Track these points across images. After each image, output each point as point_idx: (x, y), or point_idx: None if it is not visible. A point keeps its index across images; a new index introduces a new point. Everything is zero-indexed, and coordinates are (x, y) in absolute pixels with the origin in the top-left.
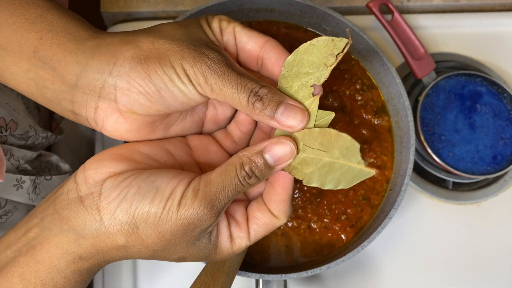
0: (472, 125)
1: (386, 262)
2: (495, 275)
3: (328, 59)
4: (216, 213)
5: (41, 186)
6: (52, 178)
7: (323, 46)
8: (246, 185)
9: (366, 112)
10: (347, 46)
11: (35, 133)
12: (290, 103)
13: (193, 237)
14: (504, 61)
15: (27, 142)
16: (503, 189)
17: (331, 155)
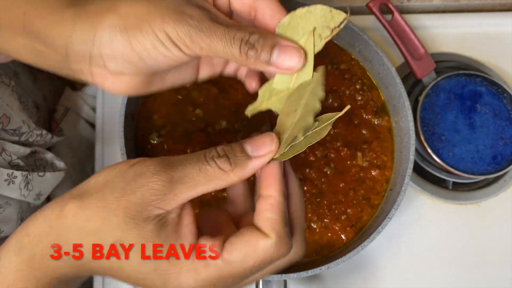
0: (472, 125)
1: (386, 262)
2: (495, 275)
3: (323, 30)
4: (175, 194)
5: (34, 182)
6: (45, 174)
7: (320, 16)
8: (216, 169)
9: (366, 112)
10: (344, 22)
11: (28, 129)
12: (285, 44)
13: (139, 214)
14: (504, 61)
15: (21, 138)
16: (503, 189)
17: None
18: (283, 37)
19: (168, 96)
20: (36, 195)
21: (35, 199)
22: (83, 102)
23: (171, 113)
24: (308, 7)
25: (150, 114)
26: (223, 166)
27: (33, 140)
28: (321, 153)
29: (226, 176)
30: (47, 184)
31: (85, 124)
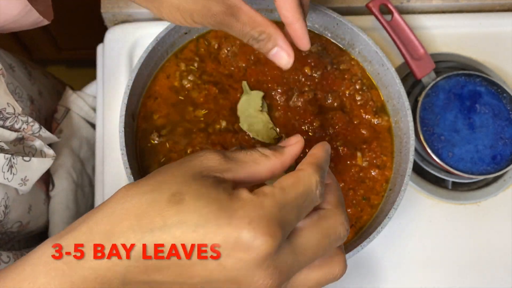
0: (471, 125)
1: (385, 262)
2: (494, 275)
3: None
4: (229, 169)
5: (18, 167)
6: (31, 160)
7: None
8: (259, 154)
9: (366, 112)
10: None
11: (13, 112)
12: (281, 46)
13: (199, 173)
14: (503, 61)
15: (5, 123)
16: (502, 189)
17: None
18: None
19: (168, 96)
20: (21, 180)
21: (20, 184)
22: (83, 103)
23: (171, 113)
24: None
25: (150, 114)
26: (265, 152)
27: (19, 127)
28: None
29: (268, 160)
30: (34, 170)
31: (86, 124)
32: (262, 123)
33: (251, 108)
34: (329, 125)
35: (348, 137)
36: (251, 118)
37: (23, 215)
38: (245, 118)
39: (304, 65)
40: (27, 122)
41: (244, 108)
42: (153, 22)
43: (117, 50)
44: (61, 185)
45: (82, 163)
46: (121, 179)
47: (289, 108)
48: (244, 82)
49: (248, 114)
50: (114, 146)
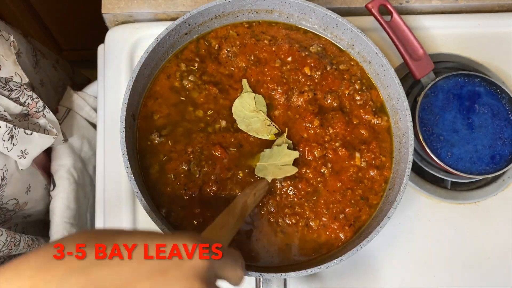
0: (470, 125)
1: (385, 261)
2: (493, 274)
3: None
4: None
5: (19, 138)
6: (33, 133)
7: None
8: None
9: (365, 112)
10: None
11: (20, 82)
12: None
13: None
14: (502, 61)
15: (11, 94)
16: (501, 189)
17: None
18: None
19: (169, 97)
20: (20, 152)
21: (20, 156)
22: (84, 103)
23: (171, 113)
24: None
25: (151, 114)
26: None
27: (24, 102)
28: (319, 153)
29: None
30: (34, 144)
31: (87, 124)
32: (260, 122)
33: (245, 109)
34: (329, 125)
35: (347, 137)
36: (247, 118)
37: (21, 194)
38: (241, 119)
39: (304, 65)
40: (32, 97)
41: (239, 110)
42: (153, 23)
43: (117, 50)
44: (62, 185)
45: (83, 163)
46: (121, 179)
47: (289, 108)
48: (244, 80)
49: (244, 115)
50: (115, 146)
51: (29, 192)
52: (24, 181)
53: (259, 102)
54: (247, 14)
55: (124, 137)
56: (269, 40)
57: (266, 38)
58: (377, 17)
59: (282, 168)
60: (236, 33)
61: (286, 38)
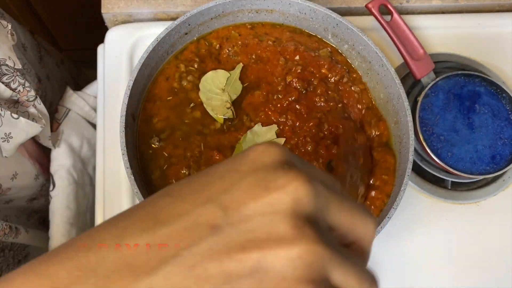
0: (471, 125)
1: (385, 261)
2: (494, 275)
3: None
4: None
5: (5, 120)
6: (19, 118)
7: None
8: None
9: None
10: None
11: (13, 66)
12: None
13: None
14: (503, 61)
15: (2, 78)
16: (502, 189)
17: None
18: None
19: (167, 99)
20: (4, 135)
21: (3, 139)
22: (84, 103)
23: (170, 116)
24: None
25: (150, 118)
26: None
27: (15, 88)
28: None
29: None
30: (20, 130)
31: (86, 124)
32: (220, 102)
33: (214, 85)
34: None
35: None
36: (211, 93)
37: (5, 179)
38: (205, 91)
39: (319, 67)
40: (23, 85)
41: (208, 82)
42: (153, 23)
43: (117, 50)
44: (62, 185)
45: (83, 163)
46: (122, 178)
47: (289, 108)
48: (240, 64)
49: (210, 89)
50: (114, 146)
51: (14, 180)
52: (10, 167)
53: (235, 87)
54: (247, 14)
55: (124, 137)
56: (273, 41)
57: (270, 39)
58: (377, 17)
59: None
60: (238, 33)
61: (291, 40)
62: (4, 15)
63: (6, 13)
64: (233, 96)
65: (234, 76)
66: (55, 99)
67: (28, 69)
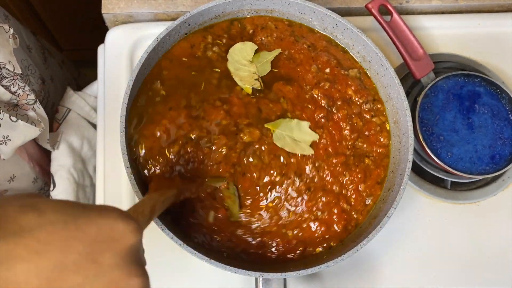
0: (470, 125)
1: (384, 261)
2: (493, 274)
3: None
4: None
5: (3, 123)
6: (18, 121)
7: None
8: None
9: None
10: None
11: (12, 71)
12: None
13: None
14: (502, 61)
15: (2, 81)
16: (501, 189)
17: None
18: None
19: (186, 62)
20: (2, 137)
21: (1, 142)
22: (84, 103)
23: (179, 74)
24: None
25: (161, 71)
26: None
27: (15, 91)
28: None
29: None
30: (18, 132)
31: (87, 124)
32: (248, 72)
33: (241, 56)
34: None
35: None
36: (239, 64)
37: (2, 181)
38: (233, 62)
39: (346, 86)
40: (23, 88)
41: (235, 53)
42: (153, 23)
43: (118, 50)
44: (62, 185)
45: (83, 163)
46: (122, 178)
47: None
48: (278, 49)
49: (237, 59)
50: (115, 146)
51: (12, 182)
52: (8, 170)
53: (264, 67)
54: (247, 14)
55: (124, 137)
56: (308, 46)
57: (306, 43)
58: (377, 17)
59: (299, 144)
60: (275, 25)
61: (325, 50)
62: (8, 17)
63: (10, 15)
64: (263, 70)
65: (268, 57)
66: (58, 100)
67: (33, 70)
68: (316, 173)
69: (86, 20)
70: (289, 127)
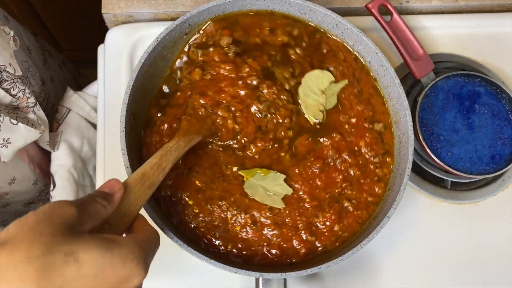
0: (470, 125)
1: (385, 261)
2: (493, 274)
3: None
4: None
5: (3, 125)
6: (18, 124)
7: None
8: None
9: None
10: None
11: (13, 73)
12: None
13: None
14: (502, 61)
15: (2, 84)
16: (501, 189)
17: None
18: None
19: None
20: (3, 140)
21: (2, 144)
22: (84, 103)
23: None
24: None
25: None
26: (104, 204)
27: (15, 94)
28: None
29: (106, 209)
30: (18, 135)
31: (87, 124)
32: (316, 102)
33: (316, 84)
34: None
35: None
36: (310, 91)
37: (3, 184)
38: (305, 87)
39: (361, 136)
40: (24, 91)
41: (311, 79)
42: (153, 23)
43: (118, 50)
44: (62, 185)
45: (83, 163)
46: (122, 178)
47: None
48: (345, 80)
49: (310, 86)
50: (115, 146)
51: (12, 184)
52: (8, 172)
53: (330, 100)
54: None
55: (124, 137)
56: (357, 91)
57: (357, 88)
58: (377, 17)
59: (271, 197)
60: (344, 57)
61: (367, 98)
62: (8, 18)
63: (10, 16)
64: (330, 103)
65: (335, 89)
66: (58, 101)
67: (33, 72)
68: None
69: (86, 20)
70: (263, 177)
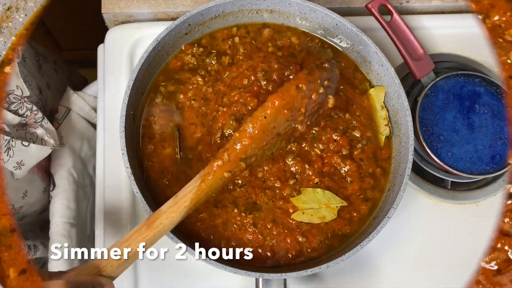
0: (470, 125)
1: (385, 261)
2: None
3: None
4: None
5: (16, 150)
6: (30, 145)
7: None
8: None
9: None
10: None
11: (21, 95)
12: None
13: None
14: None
15: (10, 107)
16: (501, 189)
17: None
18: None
19: None
20: (16, 163)
21: (16, 167)
22: (84, 103)
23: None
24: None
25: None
26: None
27: (23, 113)
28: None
29: None
30: (31, 156)
31: (87, 124)
32: (378, 115)
33: (315, 202)
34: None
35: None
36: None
37: (17, 199)
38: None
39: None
40: (31, 110)
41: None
42: (153, 23)
43: (117, 50)
44: (62, 185)
45: (83, 163)
46: (122, 178)
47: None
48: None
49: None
50: (115, 146)
51: (25, 197)
52: (20, 188)
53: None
54: (247, 14)
55: (124, 137)
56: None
57: None
58: (377, 17)
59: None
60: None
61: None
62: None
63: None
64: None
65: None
66: (55, 105)
67: (30, 81)
68: None
69: (86, 20)
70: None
